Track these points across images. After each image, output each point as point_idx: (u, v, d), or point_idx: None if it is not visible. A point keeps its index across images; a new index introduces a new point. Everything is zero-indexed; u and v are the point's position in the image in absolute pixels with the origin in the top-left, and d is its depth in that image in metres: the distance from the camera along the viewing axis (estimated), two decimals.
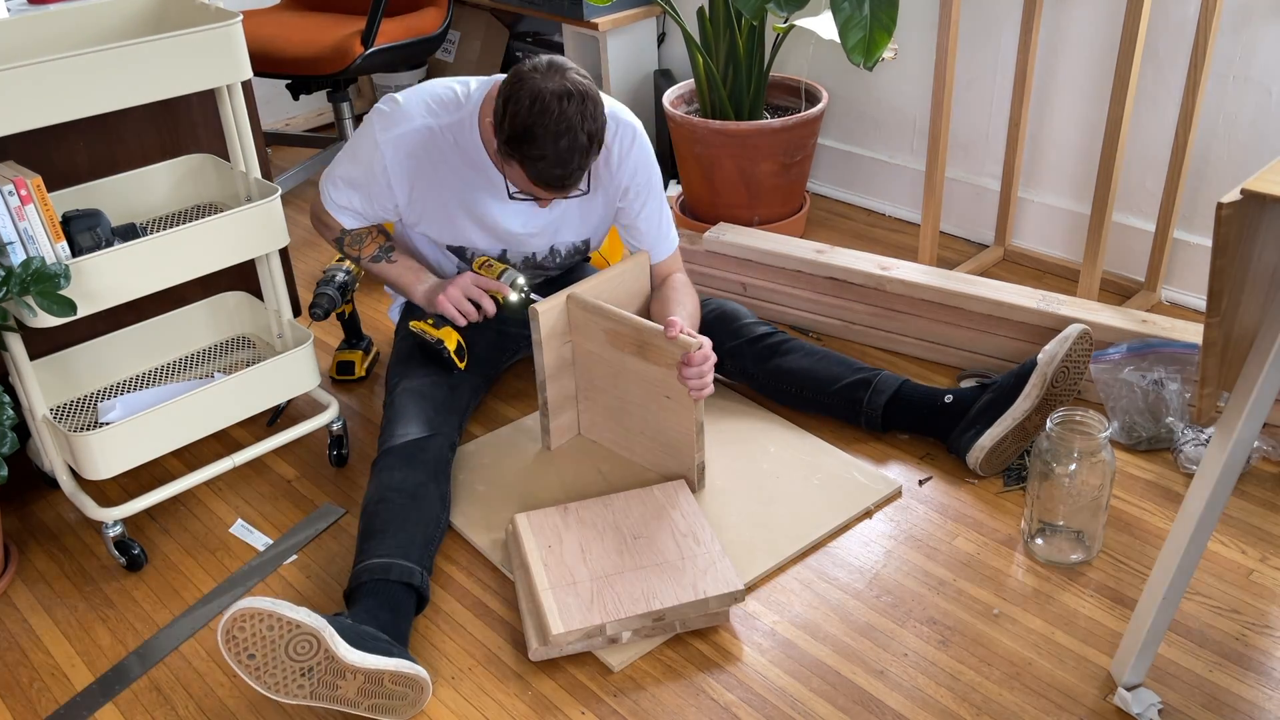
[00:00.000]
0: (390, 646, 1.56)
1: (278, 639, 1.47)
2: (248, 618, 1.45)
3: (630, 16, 3.23)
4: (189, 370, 2.12)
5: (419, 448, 1.88)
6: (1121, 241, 2.57)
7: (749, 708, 1.58)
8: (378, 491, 1.82)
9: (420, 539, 1.76)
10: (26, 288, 1.63)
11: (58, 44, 1.91)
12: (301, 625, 1.47)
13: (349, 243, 2.07)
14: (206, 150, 2.16)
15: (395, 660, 1.53)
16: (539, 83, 1.74)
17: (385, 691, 1.54)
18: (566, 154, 1.74)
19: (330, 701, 1.53)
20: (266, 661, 1.48)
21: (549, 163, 1.75)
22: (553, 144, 1.73)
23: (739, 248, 2.51)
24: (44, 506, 2.07)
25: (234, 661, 1.47)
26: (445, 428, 1.95)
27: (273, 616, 1.46)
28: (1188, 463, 1.98)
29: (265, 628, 1.46)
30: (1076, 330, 1.95)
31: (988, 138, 2.78)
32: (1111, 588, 1.75)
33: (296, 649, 1.48)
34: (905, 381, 2.07)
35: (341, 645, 1.49)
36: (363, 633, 1.55)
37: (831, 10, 2.35)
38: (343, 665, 1.49)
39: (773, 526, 1.89)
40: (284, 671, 1.49)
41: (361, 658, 1.50)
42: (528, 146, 1.74)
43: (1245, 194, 1.16)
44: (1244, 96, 2.29)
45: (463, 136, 1.95)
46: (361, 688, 1.52)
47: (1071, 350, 1.94)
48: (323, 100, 3.81)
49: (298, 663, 1.49)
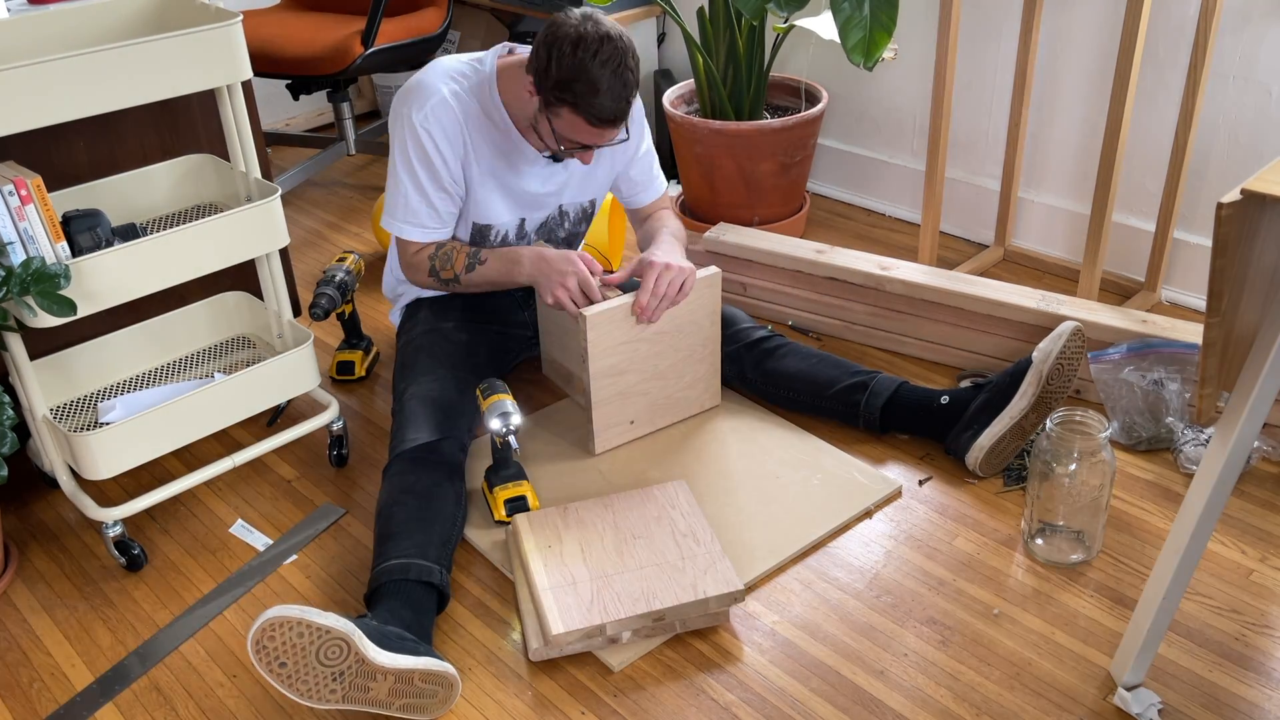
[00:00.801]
0: (417, 645, 1.56)
1: (308, 645, 1.46)
2: (277, 626, 1.45)
3: (630, 16, 3.23)
4: (189, 370, 2.12)
5: (429, 451, 1.88)
6: (1121, 241, 2.57)
7: (749, 708, 1.58)
8: (390, 495, 1.81)
9: (437, 538, 1.76)
10: (26, 288, 1.63)
11: (58, 44, 1.91)
12: (331, 630, 1.46)
13: (440, 267, 2.05)
14: (206, 150, 2.16)
15: (424, 659, 1.53)
16: (580, 28, 1.80)
17: (416, 690, 1.54)
18: (620, 87, 1.81)
19: (363, 704, 1.52)
20: (299, 669, 1.47)
21: (605, 95, 1.80)
22: (607, 77, 1.79)
23: (739, 248, 2.51)
24: (44, 506, 2.07)
25: (266, 671, 1.47)
26: (455, 431, 1.94)
27: (302, 623, 1.45)
28: (1188, 463, 1.98)
29: (295, 635, 1.45)
30: (1070, 327, 1.95)
31: (988, 138, 2.78)
32: (1111, 588, 1.75)
33: (327, 654, 1.47)
34: (902, 384, 2.07)
35: (371, 647, 1.48)
36: (388, 633, 1.54)
37: (831, 10, 2.35)
38: (373, 667, 1.49)
39: (773, 526, 1.89)
40: (316, 677, 1.49)
41: (391, 658, 1.50)
42: (581, 85, 1.79)
43: (1245, 194, 1.16)
44: (1244, 96, 2.29)
45: (484, 99, 1.98)
46: (393, 688, 1.52)
47: (1066, 347, 1.93)
48: (323, 100, 3.81)
49: (329, 668, 1.48)
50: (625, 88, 1.82)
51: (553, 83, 1.81)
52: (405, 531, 1.74)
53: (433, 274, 2.06)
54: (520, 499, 1.92)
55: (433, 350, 2.06)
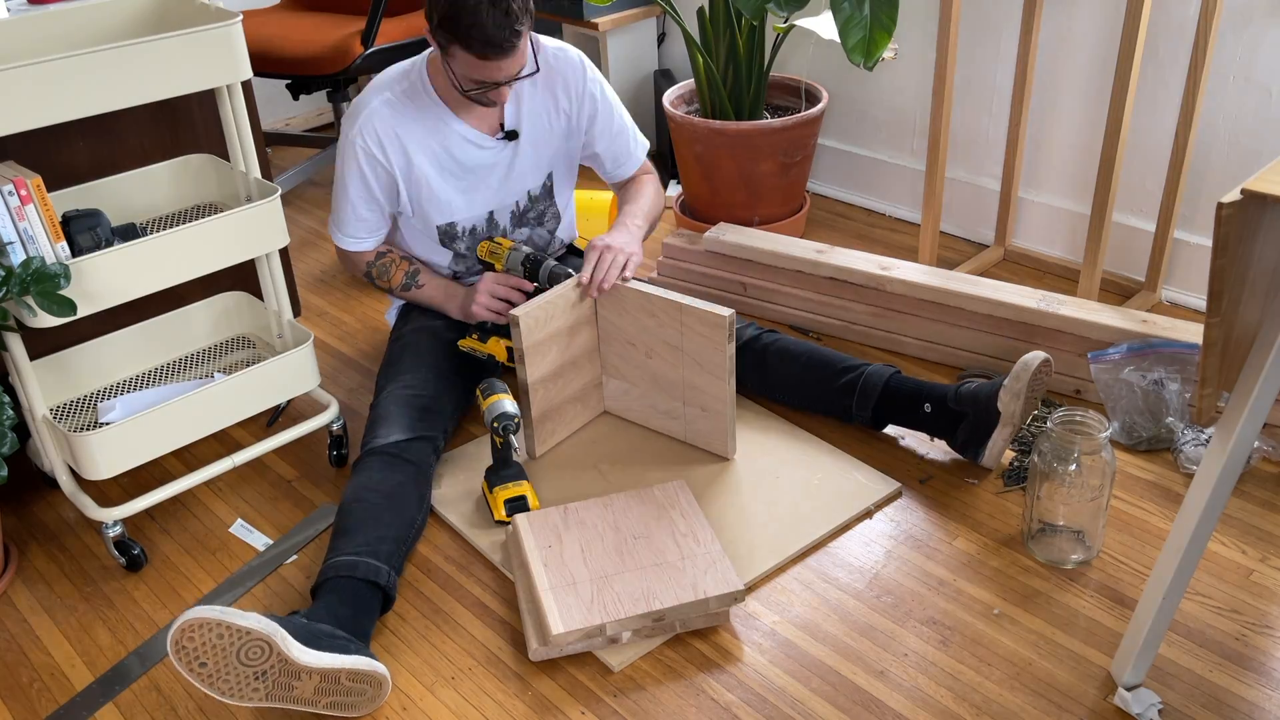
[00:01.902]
0: (348, 644, 1.56)
1: (228, 646, 1.47)
2: (196, 627, 1.45)
3: (630, 16, 3.23)
4: (189, 370, 2.12)
5: (401, 449, 1.89)
6: (1121, 241, 2.57)
7: (749, 708, 1.58)
8: (354, 491, 1.82)
9: (392, 538, 1.76)
10: (26, 288, 1.63)
11: (58, 44, 1.91)
12: (252, 631, 1.46)
13: (377, 275, 2.15)
14: (206, 150, 2.16)
15: (351, 658, 1.53)
16: None
17: (343, 689, 1.54)
18: (501, 15, 1.80)
19: (288, 702, 1.52)
20: (219, 668, 1.48)
21: (487, 24, 1.80)
22: (485, 5, 1.79)
23: (739, 248, 2.51)
24: (44, 506, 2.07)
25: (186, 671, 1.47)
26: (430, 431, 1.95)
27: (221, 625, 1.45)
28: (1188, 463, 1.98)
29: (215, 636, 1.46)
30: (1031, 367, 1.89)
31: (988, 138, 2.78)
32: (1111, 588, 1.75)
33: (248, 654, 1.48)
34: (890, 379, 2.04)
35: (295, 647, 1.48)
36: (317, 631, 1.54)
37: (831, 10, 2.35)
38: (297, 666, 1.48)
39: (773, 526, 1.89)
40: (237, 677, 1.49)
41: (316, 657, 1.49)
42: (464, 18, 1.80)
43: (1245, 194, 1.16)
44: (1244, 96, 2.29)
45: (416, 96, 2.03)
46: (318, 687, 1.52)
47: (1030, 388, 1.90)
48: (323, 100, 3.81)
49: (250, 667, 1.48)
50: (507, 16, 1.81)
51: (438, 22, 1.84)
52: (360, 528, 1.74)
53: (368, 277, 2.18)
54: (520, 499, 1.92)
55: (418, 348, 2.08)
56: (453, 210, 2.10)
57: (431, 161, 2.05)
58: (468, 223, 2.13)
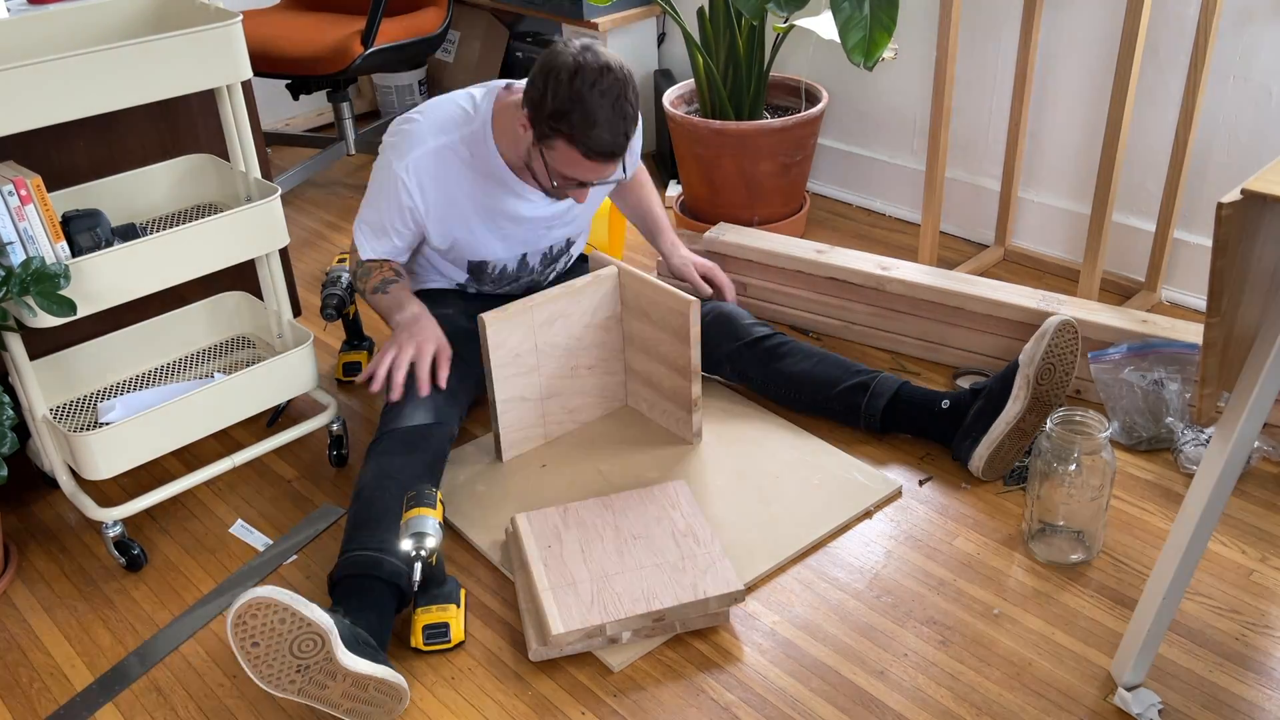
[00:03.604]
0: (377, 652, 1.57)
1: (286, 633, 1.46)
2: (262, 606, 1.45)
3: (630, 16, 3.23)
4: (189, 370, 2.12)
5: (423, 435, 1.87)
6: (1121, 241, 2.57)
7: (749, 708, 1.58)
8: (376, 477, 1.79)
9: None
10: (26, 288, 1.63)
11: (58, 44, 1.91)
12: (312, 624, 1.46)
13: (360, 275, 2.07)
14: (206, 150, 2.16)
15: (383, 669, 1.53)
16: (578, 57, 1.75)
17: (367, 697, 1.54)
18: (619, 120, 1.75)
19: (314, 700, 1.53)
20: (269, 652, 1.48)
21: (603, 128, 1.74)
22: (606, 108, 1.74)
23: (739, 248, 2.51)
24: (44, 506, 2.07)
25: (236, 645, 1.46)
26: (448, 418, 1.94)
27: (287, 610, 1.45)
28: (1188, 463, 1.98)
29: (277, 620, 1.46)
30: (1054, 324, 1.91)
31: (988, 138, 2.78)
32: (1111, 588, 1.75)
33: (301, 646, 1.48)
34: (904, 384, 2.07)
35: (341, 648, 1.49)
36: (358, 636, 1.55)
37: (831, 10, 2.35)
38: (337, 667, 1.49)
39: (773, 526, 1.89)
40: (282, 665, 1.49)
41: (356, 662, 1.50)
42: (577, 115, 1.73)
43: (1245, 194, 1.16)
44: (1244, 96, 2.29)
45: (476, 149, 1.95)
46: (347, 691, 1.52)
47: (1050, 346, 1.91)
48: (323, 100, 3.80)
49: (298, 659, 1.48)
50: (624, 120, 1.77)
51: (548, 113, 1.75)
52: (381, 520, 1.72)
53: (352, 275, 2.12)
54: (441, 627, 1.68)
55: None
56: (489, 252, 2.08)
57: (477, 210, 2.00)
58: (500, 263, 2.11)
